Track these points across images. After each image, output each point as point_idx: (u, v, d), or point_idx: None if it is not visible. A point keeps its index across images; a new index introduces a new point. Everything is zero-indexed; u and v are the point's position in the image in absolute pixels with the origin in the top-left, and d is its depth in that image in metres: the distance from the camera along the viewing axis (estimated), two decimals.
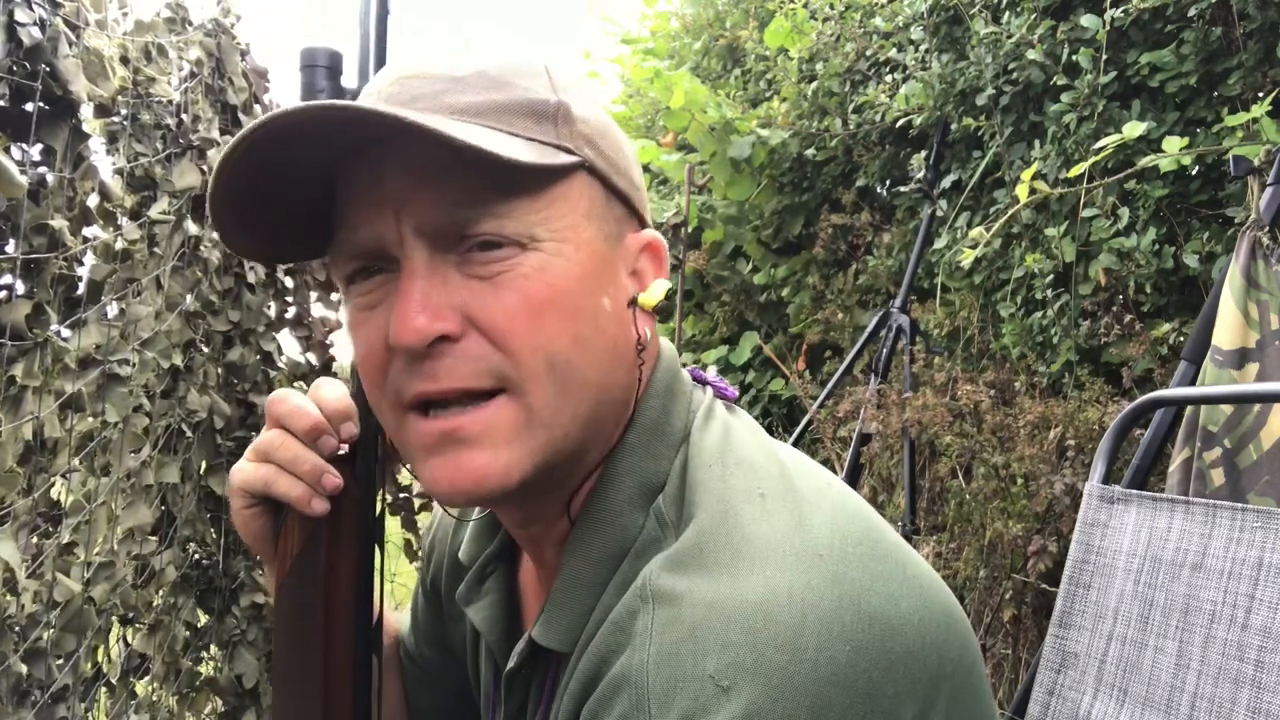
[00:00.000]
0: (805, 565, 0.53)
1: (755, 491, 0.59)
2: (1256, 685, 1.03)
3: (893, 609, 0.53)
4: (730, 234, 4.08)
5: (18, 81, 1.03)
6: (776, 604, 0.51)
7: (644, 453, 0.64)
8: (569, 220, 0.60)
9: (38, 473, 1.08)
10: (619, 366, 0.63)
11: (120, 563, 1.35)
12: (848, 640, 0.51)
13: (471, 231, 0.58)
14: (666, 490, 0.62)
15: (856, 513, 0.60)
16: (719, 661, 0.49)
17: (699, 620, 0.51)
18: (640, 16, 5.29)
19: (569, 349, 0.59)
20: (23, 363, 0.99)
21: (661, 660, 0.51)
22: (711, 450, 0.63)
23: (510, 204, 0.58)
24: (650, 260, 0.67)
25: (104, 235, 1.28)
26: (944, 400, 2.58)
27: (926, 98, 3.09)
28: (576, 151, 0.61)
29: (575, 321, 0.59)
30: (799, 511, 0.58)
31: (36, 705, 1.05)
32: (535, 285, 0.58)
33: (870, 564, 0.55)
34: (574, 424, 0.61)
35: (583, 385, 0.60)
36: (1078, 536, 1.34)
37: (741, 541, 0.55)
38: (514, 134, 0.59)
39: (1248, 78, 2.27)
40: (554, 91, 0.61)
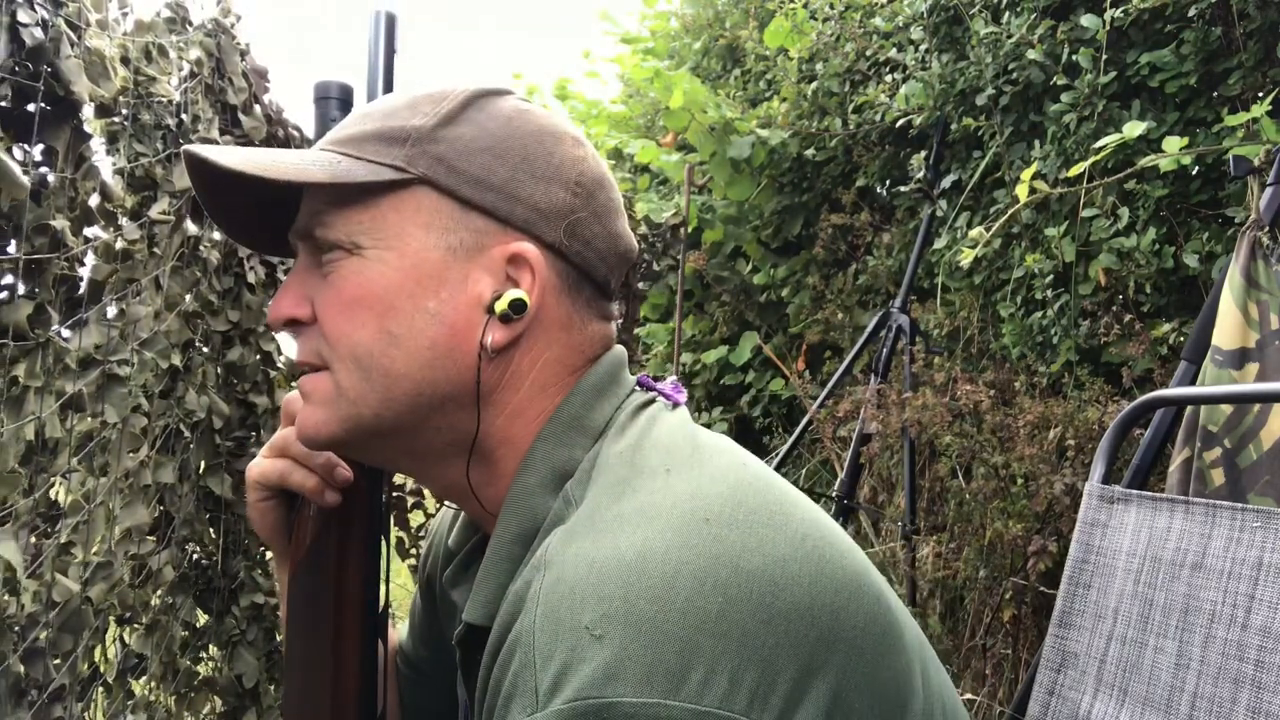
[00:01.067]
0: (688, 527, 0.56)
1: (660, 469, 0.63)
2: (1256, 685, 1.03)
3: (777, 569, 0.56)
4: (730, 234, 4.08)
5: (20, 82, 1.03)
6: (652, 559, 0.54)
7: (557, 442, 0.68)
8: (398, 227, 0.67)
9: (38, 473, 1.09)
10: (442, 364, 0.67)
11: (118, 563, 1.35)
12: (720, 592, 0.53)
13: (314, 236, 0.68)
14: (576, 475, 0.67)
15: (761, 488, 0.62)
16: (594, 613, 0.52)
17: (579, 578, 0.54)
18: (640, 16, 5.30)
19: (372, 342, 0.67)
20: (25, 363, 1.00)
21: (545, 618, 0.54)
22: (628, 438, 0.67)
23: (336, 214, 0.67)
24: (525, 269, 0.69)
25: (104, 235, 1.28)
26: (944, 400, 2.58)
27: (926, 98, 3.09)
28: (410, 169, 0.67)
29: (385, 319, 0.67)
30: (695, 484, 0.61)
31: (34, 705, 1.05)
32: (349, 284, 0.67)
33: (758, 529, 0.57)
34: (385, 407, 0.67)
35: (388, 375, 0.67)
36: (1078, 536, 1.34)
37: (629, 508, 0.59)
38: (357, 157, 0.67)
39: (1248, 78, 2.28)
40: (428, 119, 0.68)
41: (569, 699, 0.50)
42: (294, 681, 0.76)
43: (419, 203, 0.67)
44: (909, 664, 0.62)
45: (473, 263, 0.68)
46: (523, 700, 0.52)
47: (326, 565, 0.75)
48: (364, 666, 0.75)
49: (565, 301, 0.71)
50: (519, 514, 0.66)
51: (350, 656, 0.74)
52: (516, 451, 0.70)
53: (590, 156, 0.73)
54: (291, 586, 0.78)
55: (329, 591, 0.75)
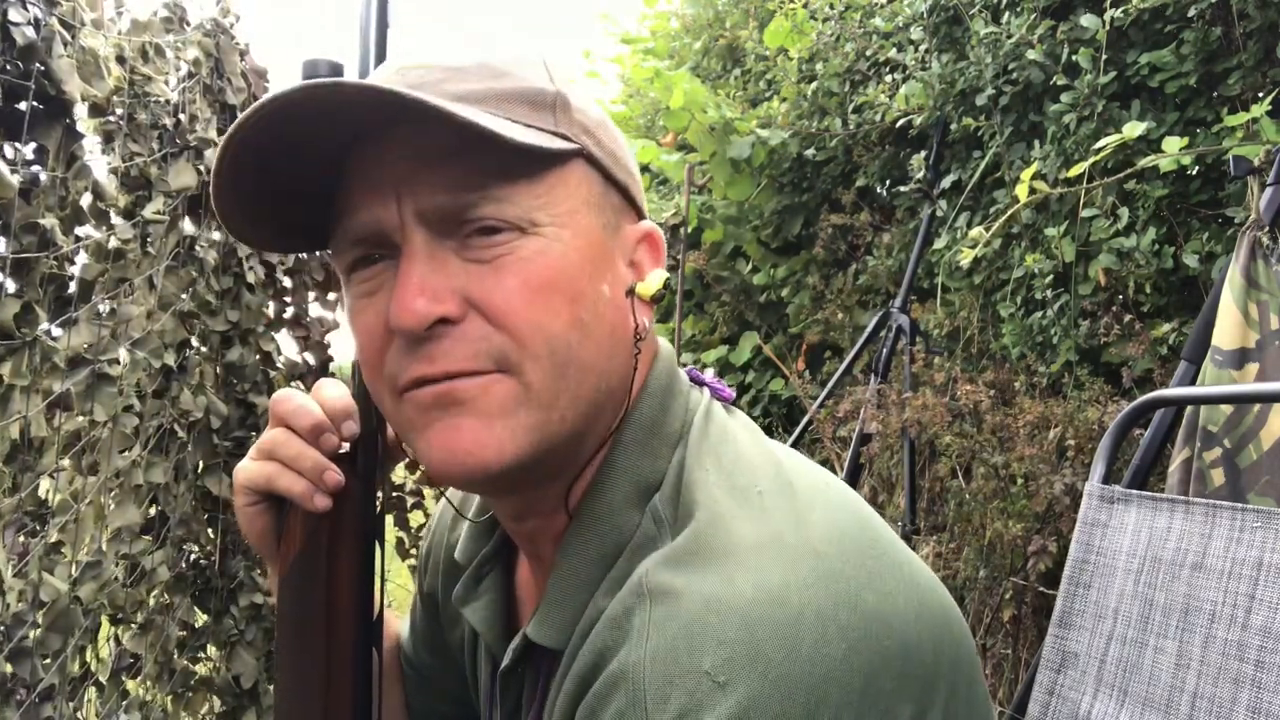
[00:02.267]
0: (800, 562, 0.53)
1: (753, 490, 0.59)
2: (1256, 685, 1.03)
3: (889, 606, 0.53)
4: (730, 234, 4.08)
5: (11, 81, 1.03)
6: (772, 600, 0.51)
7: (640, 451, 0.64)
8: (568, 206, 0.61)
9: (24, 471, 1.08)
10: (617, 354, 0.63)
11: (109, 562, 1.35)
12: (844, 637, 0.51)
13: (472, 215, 0.58)
14: (663, 489, 0.62)
15: (854, 511, 0.60)
16: (715, 657, 0.49)
17: (695, 616, 0.51)
18: (640, 16, 5.29)
19: (569, 331, 0.59)
20: (11, 361, 0.99)
21: (658, 656, 0.51)
22: (709, 450, 0.63)
23: (510, 188, 0.59)
24: (648, 251, 0.67)
25: (96, 234, 1.28)
26: (944, 400, 2.57)
27: (926, 98, 3.08)
28: (574, 139, 0.61)
29: (576, 305, 0.60)
30: (795, 509, 0.58)
31: (22, 705, 1.05)
32: (535, 268, 0.59)
33: (866, 561, 0.55)
34: (572, 408, 0.61)
35: (581, 369, 0.60)
36: (1077, 536, 1.33)
37: (737, 538, 0.55)
38: (513, 120, 0.59)
39: (1248, 78, 2.27)
40: (552, 82, 0.63)
41: None
42: (284, 687, 0.74)
43: (579, 177, 0.62)
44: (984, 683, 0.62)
45: (615, 244, 0.64)
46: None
47: (317, 571, 0.72)
48: (357, 675, 0.72)
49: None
50: (601, 532, 0.62)
51: (342, 664, 0.71)
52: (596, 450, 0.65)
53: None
54: (281, 592, 0.74)
55: (320, 598, 0.71)
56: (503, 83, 0.60)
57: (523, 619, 0.76)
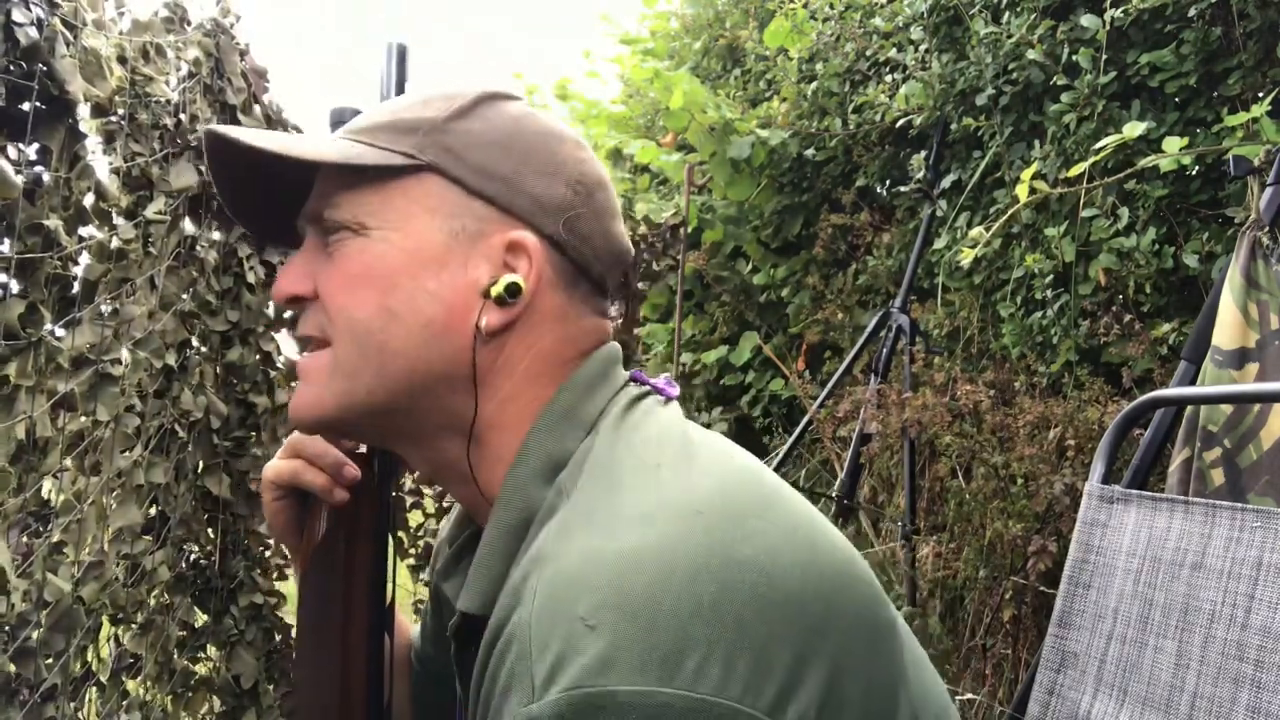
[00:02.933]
0: (681, 519, 0.57)
1: (652, 464, 0.64)
2: (1256, 685, 1.03)
3: (769, 558, 0.56)
4: (730, 234, 4.08)
5: (14, 81, 1.03)
6: (646, 551, 0.55)
7: (550, 433, 0.69)
8: (404, 210, 0.70)
9: (29, 472, 1.08)
10: (437, 343, 0.70)
11: (110, 562, 1.35)
12: (714, 580, 0.54)
13: (321, 216, 0.71)
14: (569, 466, 0.68)
15: (751, 481, 0.63)
16: (588, 603, 0.53)
17: (574, 570, 0.55)
18: (640, 16, 5.29)
19: (372, 318, 0.69)
20: (16, 362, 1.00)
21: (541, 610, 0.54)
22: (622, 434, 0.68)
23: (345, 196, 0.70)
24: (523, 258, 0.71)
25: (99, 235, 1.28)
26: (944, 400, 2.57)
27: (926, 98, 3.09)
28: (420, 156, 0.70)
29: (386, 296, 0.69)
30: (687, 478, 0.62)
31: (25, 705, 1.05)
32: (353, 262, 0.70)
33: (750, 520, 0.58)
34: (379, 383, 0.69)
35: (383, 351, 0.69)
36: (1077, 536, 1.33)
37: (624, 503, 0.60)
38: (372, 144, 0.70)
39: (1248, 78, 2.27)
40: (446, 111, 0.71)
41: (565, 688, 0.50)
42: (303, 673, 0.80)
43: (426, 188, 0.70)
44: (899, 653, 0.63)
45: (474, 249, 0.70)
46: (520, 691, 0.53)
47: (336, 562, 0.78)
48: (371, 659, 0.78)
49: (561, 294, 0.73)
50: (513, 505, 0.67)
51: (358, 649, 0.77)
52: (509, 438, 0.71)
53: (591, 159, 0.76)
54: (302, 583, 0.81)
55: (338, 587, 0.78)
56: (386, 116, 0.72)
57: None
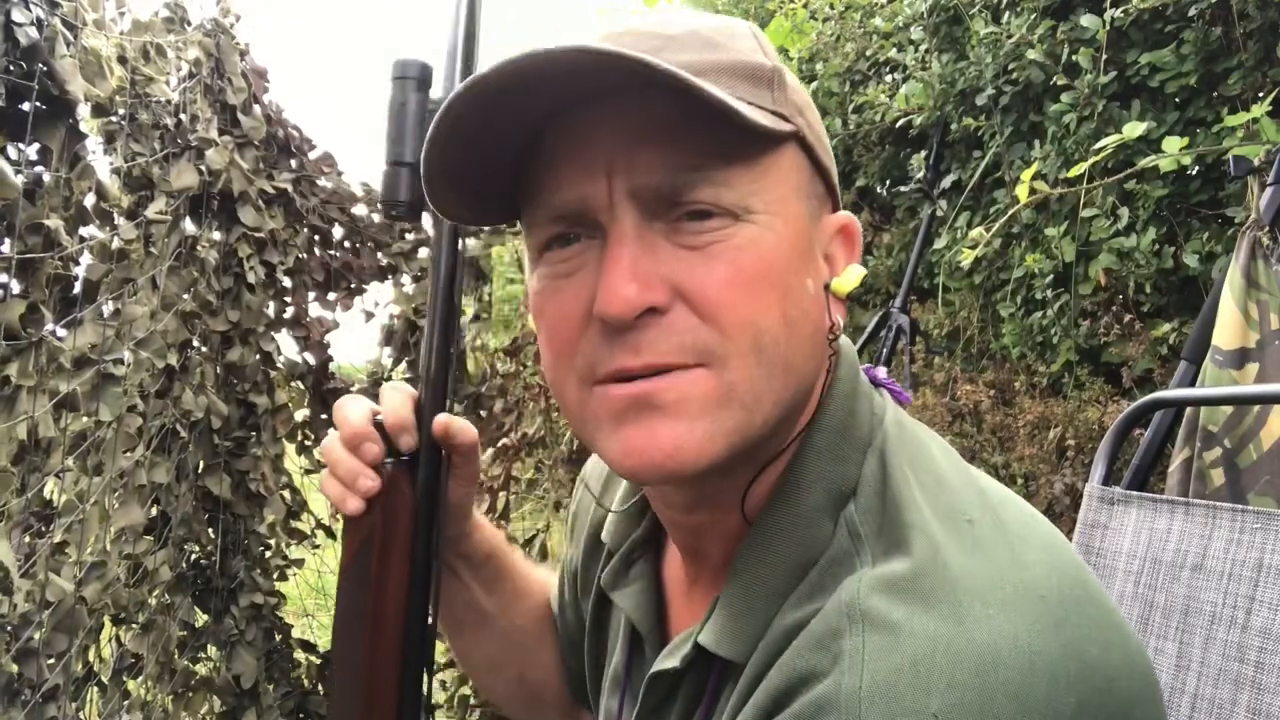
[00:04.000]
0: (1029, 608, 0.50)
1: (962, 518, 0.55)
2: (1256, 686, 1.03)
3: (1107, 659, 0.51)
4: None
5: (14, 81, 1.03)
6: (1004, 647, 0.48)
7: (831, 456, 0.60)
8: (780, 192, 0.57)
9: (31, 472, 1.08)
10: (816, 353, 0.60)
11: (112, 562, 1.35)
12: (1074, 692, 0.48)
13: (687, 198, 0.55)
14: (858, 500, 0.59)
15: (1065, 549, 0.57)
16: (945, 700, 0.47)
17: (921, 654, 0.48)
18: None
19: (777, 327, 0.56)
20: (17, 362, 1.00)
21: (878, 689, 0.48)
22: (906, 462, 0.60)
23: (728, 171, 0.55)
24: (843, 244, 0.63)
25: (100, 235, 1.28)
26: (944, 400, 2.57)
27: (926, 98, 3.09)
28: (791, 120, 0.58)
29: (785, 300, 0.56)
30: (1011, 545, 0.54)
31: (28, 705, 1.05)
32: (749, 258, 0.55)
33: (1087, 609, 0.52)
34: (773, 408, 0.57)
35: (785, 369, 0.56)
36: (1078, 537, 1.33)
37: (958, 574, 0.52)
38: (737, 96, 0.54)
39: (1248, 78, 2.27)
40: (766, 56, 0.59)
41: None
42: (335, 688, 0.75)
43: (791, 161, 0.58)
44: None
45: (816, 235, 0.60)
46: None
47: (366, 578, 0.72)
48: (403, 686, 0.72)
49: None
50: (791, 540, 0.59)
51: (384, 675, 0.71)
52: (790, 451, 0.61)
53: None
54: (337, 597, 0.74)
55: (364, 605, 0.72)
56: (719, 54, 0.56)
57: (670, 612, 0.74)
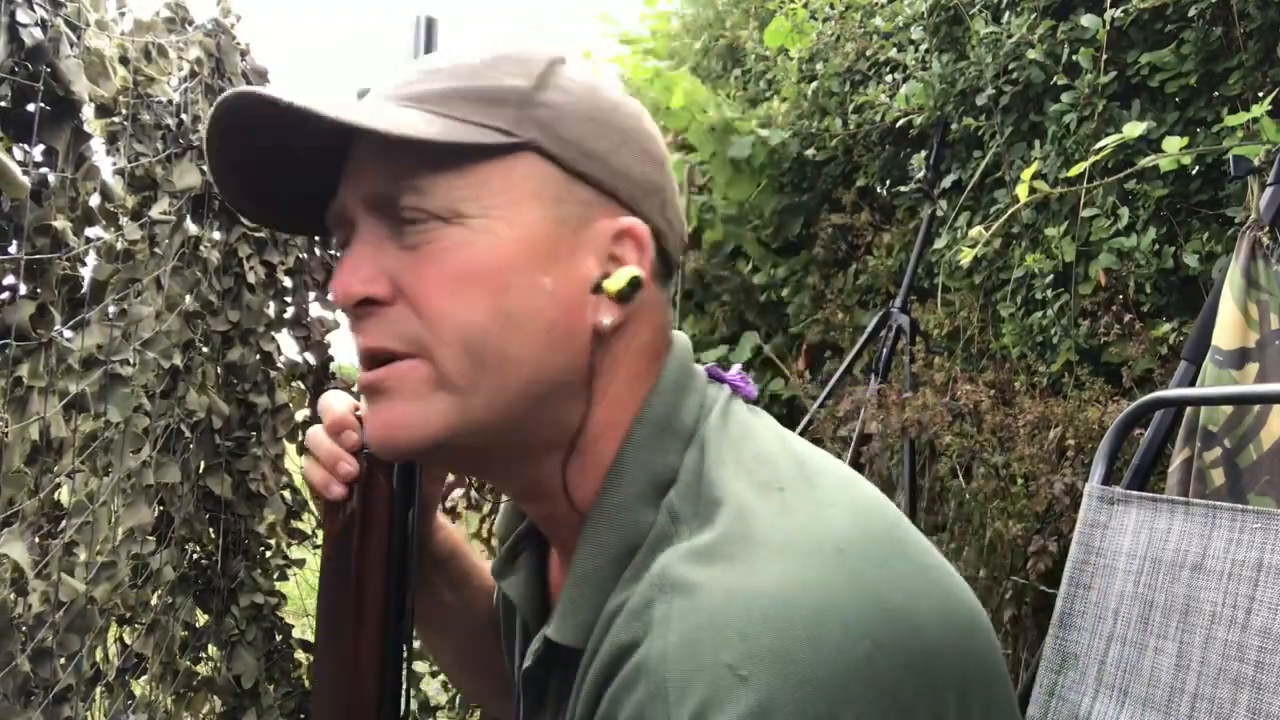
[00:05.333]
0: (824, 559, 0.53)
1: (774, 486, 0.59)
2: (1256, 686, 1.03)
3: (914, 606, 0.53)
4: (730, 234, 4.08)
5: (19, 82, 1.03)
6: (796, 595, 0.51)
7: (651, 448, 0.64)
8: (506, 198, 0.62)
9: (44, 473, 1.09)
10: (559, 348, 0.63)
11: (121, 563, 1.36)
12: (868, 635, 0.51)
13: (399, 204, 0.62)
14: (678, 485, 0.63)
15: (878, 509, 0.60)
16: (737, 651, 0.49)
17: (716, 610, 0.51)
18: (640, 16, 5.29)
19: (487, 322, 0.61)
20: (28, 363, 1.00)
21: (681, 648, 0.51)
22: (729, 446, 0.63)
23: (433, 179, 0.61)
24: (631, 247, 0.66)
25: (106, 236, 1.28)
26: (944, 400, 2.58)
27: (926, 98, 3.09)
28: (518, 134, 0.62)
29: (499, 296, 0.61)
30: (818, 507, 0.58)
31: (41, 705, 1.05)
32: (454, 258, 0.61)
33: (891, 561, 0.55)
34: (496, 396, 0.62)
35: (504, 360, 0.61)
36: (1078, 537, 1.34)
37: (759, 534, 0.55)
38: (453, 118, 0.61)
39: (1248, 78, 2.27)
40: (525, 80, 0.64)
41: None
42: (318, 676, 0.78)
43: (526, 171, 0.63)
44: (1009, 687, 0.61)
45: (579, 239, 0.64)
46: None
47: (347, 565, 0.75)
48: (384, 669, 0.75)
49: (656, 285, 0.68)
50: (615, 529, 0.63)
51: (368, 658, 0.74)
52: (608, 446, 0.65)
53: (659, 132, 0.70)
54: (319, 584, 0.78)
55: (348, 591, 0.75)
56: (464, 82, 0.63)
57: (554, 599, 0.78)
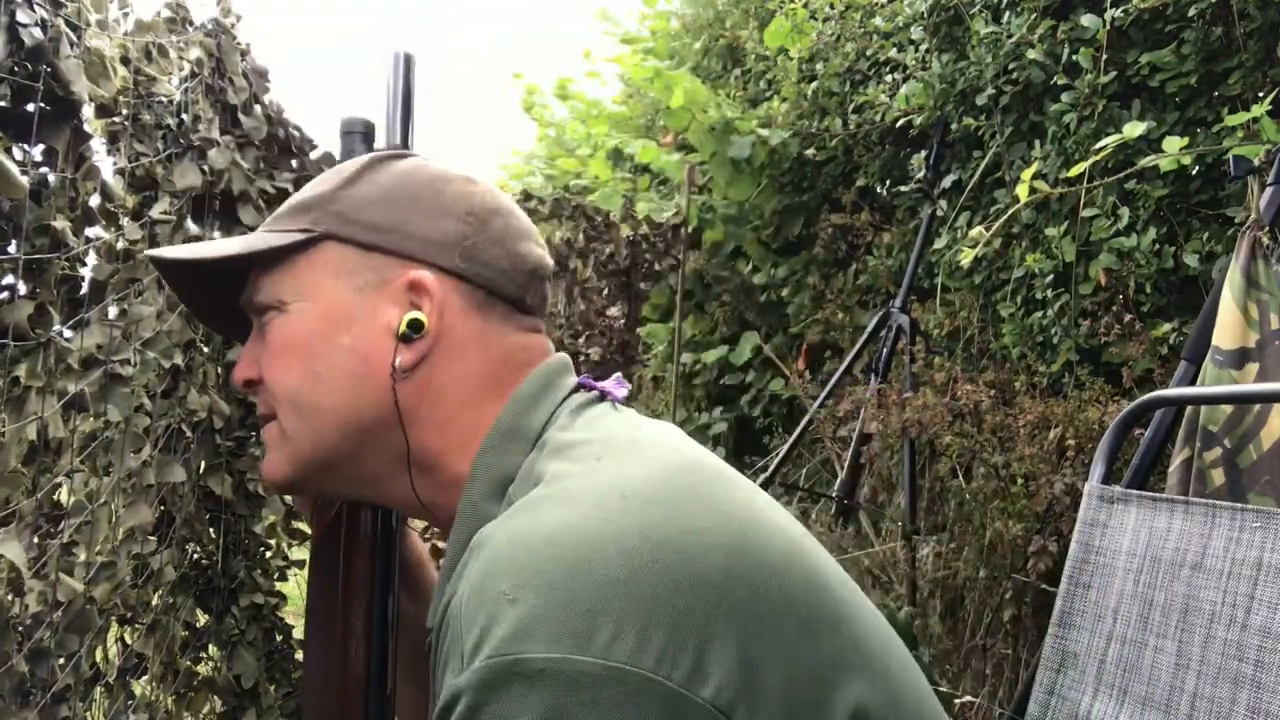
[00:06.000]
0: (605, 502, 0.60)
1: (592, 457, 0.66)
2: (1256, 685, 1.03)
3: (691, 539, 0.58)
4: (730, 234, 4.09)
5: (19, 82, 1.03)
6: (566, 529, 0.58)
7: (496, 452, 0.73)
8: (313, 280, 0.75)
9: (42, 473, 1.09)
10: (362, 392, 0.74)
11: (121, 563, 1.36)
12: (628, 558, 0.56)
13: (252, 303, 0.78)
14: (516, 479, 0.71)
15: (692, 470, 0.65)
16: (510, 580, 0.56)
17: (500, 551, 0.59)
18: (640, 16, 5.30)
19: (300, 383, 0.75)
20: (26, 363, 1.01)
21: (472, 590, 0.58)
22: (565, 438, 0.71)
23: (264, 281, 0.77)
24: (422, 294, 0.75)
25: (106, 235, 1.28)
26: (944, 400, 2.58)
27: (926, 98, 3.09)
28: (314, 229, 0.76)
29: (309, 361, 0.74)
30: (622, 468, 0.64)
31: (39, 705, 1.05)
32: (278, 336, 0.76)
33: (678, 506, 0.61)
34: (319, 439, 0.75)
35: (317, 410, 0.74)
36: (1077, 536, 1.34)
37: (557, 492, 0.63)
38: (275, 229, 0.77)
39: (1248, 78, 2.28)
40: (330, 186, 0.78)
41: (486, 656, 0.54)
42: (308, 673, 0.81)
43: (326, 256, 0.76)
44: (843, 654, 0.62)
45: (379, 297, 0.75)
46: (453, 665, 0.57)
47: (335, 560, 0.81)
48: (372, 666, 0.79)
49: (475, 319, 0.76)
50: (466, 525, 0.71)
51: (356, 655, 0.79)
52: (460, 462, 0.75)
53: (483, 191, 0.80)
54: (307, 582, 0.85)
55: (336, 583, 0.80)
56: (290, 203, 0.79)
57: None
